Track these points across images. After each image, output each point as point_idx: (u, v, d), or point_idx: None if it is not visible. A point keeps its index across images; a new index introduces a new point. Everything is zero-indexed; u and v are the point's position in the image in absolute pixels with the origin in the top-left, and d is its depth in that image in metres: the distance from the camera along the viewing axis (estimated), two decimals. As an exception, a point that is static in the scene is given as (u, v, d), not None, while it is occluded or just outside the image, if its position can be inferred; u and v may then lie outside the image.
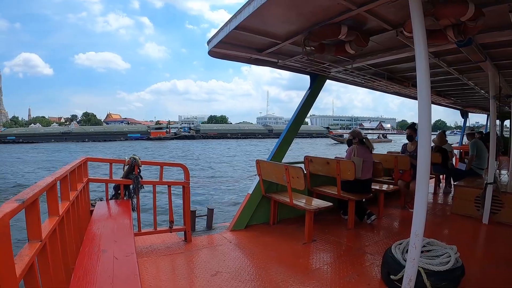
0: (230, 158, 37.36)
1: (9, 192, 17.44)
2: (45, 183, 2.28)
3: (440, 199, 8.39)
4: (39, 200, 2.07)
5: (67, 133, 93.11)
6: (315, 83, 6.62)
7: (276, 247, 5.05)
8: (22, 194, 1.86)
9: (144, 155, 38.35)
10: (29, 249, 1.91)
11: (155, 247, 4.94)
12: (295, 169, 5.25)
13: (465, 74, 6.71)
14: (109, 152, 50.36)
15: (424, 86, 2.81)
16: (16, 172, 27.64)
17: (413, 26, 2.85)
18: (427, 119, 2.83)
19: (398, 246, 3.70)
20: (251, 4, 3.55)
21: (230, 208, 11.76)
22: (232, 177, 20.61)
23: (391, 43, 4.74)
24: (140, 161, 4.89)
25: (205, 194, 14.54)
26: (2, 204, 1.60)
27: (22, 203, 1.72)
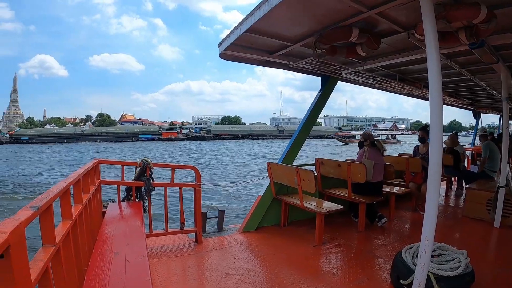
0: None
1: (27, 189, 18.19)
2: (58, 188, 2.30)
3: (451, 202, 8.30)
4: (53, 204, 2.10)
5: (80, 133, 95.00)
6: (326, 85, 6.61)
7: (287, 250, 5.04)
8: (36, 201, 1.89)
9: (151, 156, 38.95)
10: (44, 253, 1.94)
11: (166, 248, 4.96)
12: (306, 172, 5.23)
13: (477, 75, 6.63)
14: (116, 152, 51.05)
15: (436, 89, 2.79)
16: (34, 170, 28.63)
17: (425, 29, 2.83)
18: (439, 121, 2.81)
19: (409, 251, 3.68)
20: (261, 7, 3.55)
21: (241, 209, 11.77)
22: (242, 177, 20.62)
23: (403, 44, 4.71)
24: (151, 163, 4.93)
25: (216, 196, 14.55)
26: (17, 212, 1.63)
27: (37, 210, 1.75)
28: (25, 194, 17.15)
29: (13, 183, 20.60)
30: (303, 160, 6.78)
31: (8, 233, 1.34)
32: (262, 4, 3.54)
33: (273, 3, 3.32)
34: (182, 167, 6.05)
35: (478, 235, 5.69)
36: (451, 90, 9.02)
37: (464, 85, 7.98)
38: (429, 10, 2.79)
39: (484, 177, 7.81)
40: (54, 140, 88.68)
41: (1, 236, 1.31)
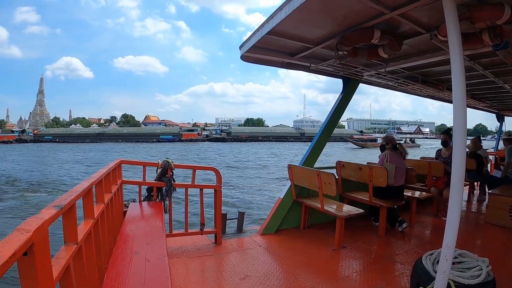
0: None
1: (52, 186, 18.72)
2: (81, 188, 2.34)
3: (473, 207, 8.14)
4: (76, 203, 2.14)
5: (102, 134, 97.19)
6: (347, 87, 6.57)
7: (306, 253, 5.03)
8: (60, 200, 1.93)
9: (166, 156, 39.64)
10: (66, 251, 1.97)
11: (186, 248, 5.01)
12: (327, 175, 5.20)
13: (501, 77, 6.49)
14: (137, 153, 51.85)
15: (460, 91, 2.75)
16: (57, 167, 29.93)
17: (448, 31, 2.78)
18: (463, 124, 2.76)
19: (429, 257, 3.61)
20: (283, 9, 3.55)
21: (261, 211, 11.77)
22: (261, 179, 20.64)
23: (425, 46, 4.65)
24: (173, 164, 4.98)
25: (237, 197, 14.58)
26: (41, 210, 1.68)
27: (60, 210, 1.79)
28: (47, 190, 17.77)
29: (36, 180, 21.18)
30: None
31: (32, 231, 1.38)
32: (283, 6, 3.54)
33: (294, 5, 3.32)
34: (203, 168, 6.09)
35: (500, 242, 5.57)
36: (474, 92, 8.83)
37: (487, 87, 7.81)
38: (452, 11, 2.74)
39: (507, 182, 7.63)
40: (76, 139, 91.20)
41: (25, 234, 1.35)
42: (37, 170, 27.88)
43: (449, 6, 2.73)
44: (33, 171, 26.50)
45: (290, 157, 41.42)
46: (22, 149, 61.23)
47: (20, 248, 1.27)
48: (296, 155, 44.57)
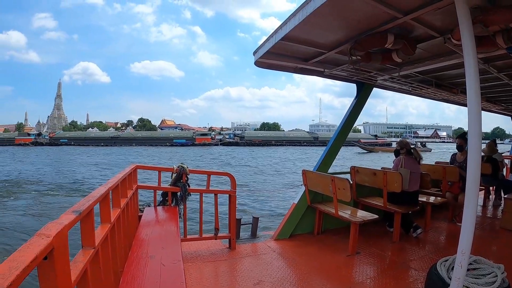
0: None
1: (68, 188, 19.30)
2: (99, 193, 2.38)
3: (489, 212, 8.03)
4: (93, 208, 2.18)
5: (116, 137, 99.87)
6: (361, 92, 6.58)
7: (320, 258, 5.02)
8: (78, 205, 1.97)
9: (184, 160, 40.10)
10: (83, 255, 2.01)
11: (200, 253, 5.04)
12: (342, 181, 5.19)
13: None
14: (151, 157, 52.15)
15: (474, 94, 2.74)
16: (73, 169, 30.88)
17: (462, 34, 2.78)
18: (477, 128, 2.75)
19: (444, 263, 3.58)
20: (296, 15, 3.57)
21: (275, 216, 11.75)
22: (275, 184, 20.62)
23: (439, 49, 4.62)
24: (188, 170, 5.03)
25: (250, 202, 14.59)
26: (60, 216, 1.72)
27: (79, 215, 1.83)
28: (64, 191, 18.47)
29: (52, 181, 21.98)
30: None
31: (53, 236, 1.42)
32: (296, 12, 3.56)
33: (308, 11, 3.33)
34: (218, 173, 6.12)
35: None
36: (489, 95, 8.72)
37: (502, 90, 7.68)
38: (466, 14, 2.74)
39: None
40: (91, 143, 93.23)
41: (46, 239, 1.38)
42: (54, 171, 28.85)
43: (462, 10, 2.73)
44: (50, 173, 27.40)
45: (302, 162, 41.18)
46: (38, 151, 63.41)
47: (41, 253, 1.30)
48: (307, 160, 44.81)
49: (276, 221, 9.23)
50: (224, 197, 5.38)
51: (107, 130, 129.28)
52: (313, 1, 3.24)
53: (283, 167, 35.46)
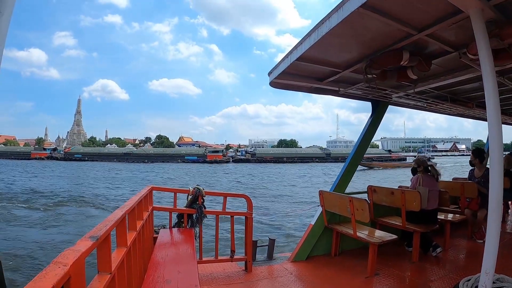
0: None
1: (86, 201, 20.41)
2: (115, 217, 2.38)
3: (508, 228, 7.82)
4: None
5: (129, 154, 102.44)
6: (377, 110, 6.56)
7: (338, 280, 4.94)
8: (95, 230, 1.96)
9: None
10: (99, 281, 2.00)
11: (216, 275, 4.99)
12: (360, 201, 5.14)
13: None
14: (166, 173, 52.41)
15: (493, 109, 2.72)
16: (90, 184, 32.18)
17: (479, 48, 2.78)
18: (499, 141, 2.72)
19: (467, 283, 3.50)
20: (311, 35, 3.61)
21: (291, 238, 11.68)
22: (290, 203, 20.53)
23: (454, 64, 4.60)
24: (204, 192, 5.01)
25: (266, 223, 14.51)
26: (77, 242, 1.72)
27: (96, 241, 1.82)
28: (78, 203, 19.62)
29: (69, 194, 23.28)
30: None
31: (70, 265, 1.42)
32: (312, 32, 3.59)
33: (323, 31, 3.37)
34: (234, 195, 6.10)
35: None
36: (505, 108, 8.65)
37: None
38: (482, 28, 2.74)
39: None
40: (104, 158, 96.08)
41: (63, 268, 1.38)
42: (68, 187, 30.00)
43: (478, 24, 2.74)
44: (64, 188, 28.42)
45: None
46: (53, 166, 65.81)
47: (58, 283, 1.29)
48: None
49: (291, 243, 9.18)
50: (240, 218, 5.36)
51: (125, 146, 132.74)
52: (328, 21, 3.28)
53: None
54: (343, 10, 3.03)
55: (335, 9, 3.14)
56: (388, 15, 3.14)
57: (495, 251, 2.71)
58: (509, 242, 6.60)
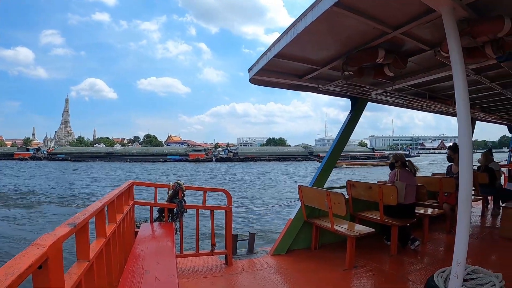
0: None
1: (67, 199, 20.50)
2: (94, 207, 2.42)
3: (488, 222, 8.02)
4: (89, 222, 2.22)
5: (111, 153, 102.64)
6: (355, 106, 6.65)
7: (317, 273, 5.00)
8: (74, 218, 2.02)
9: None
10: (78, 268, 2.05)
11: (197, 269, 5.02)
12: (337, 195, 5.21)
13: (509, 88, 6.48)
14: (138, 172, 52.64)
15: (463, 106, 2.80)
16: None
17: (449, 47, 2.85)
18: (468, 138, 2.81)
19: (441, 274, 3.58)
20: (288, 33, 3.66)
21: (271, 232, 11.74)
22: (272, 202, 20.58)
23: (430, 62, 4.70)
24: (184, 186, 5.05)
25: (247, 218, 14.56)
26: (56, 228, 1.77)
27: (74, 227, 1.88)
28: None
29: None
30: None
31: (47, 246, 1.48)
32: (288, 30, 3.65)
33: (299, 29, 3.41)
34: (213, 190, 6.13)
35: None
36: (483, 105, 8.82)
37: (496, 99, 7.79)
38: (453, 27, 2.81)
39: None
40: (87, 158, 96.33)
41: (41, 249, 1.44)
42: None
43: (449, 23, 2.81)
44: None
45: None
46: (36, 166, 65.69)
47: (36, 261, 1.36)
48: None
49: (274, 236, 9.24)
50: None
51: (114, 146, 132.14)
52: (303, 19, 3.33)
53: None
54: (317, 8, 3.09)
55: (310, 7, 3.20)
56: (363, 14, 3.21)
57: (466, 241, 2.80)
58: (488, 236, 6.76)
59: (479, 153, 9.21)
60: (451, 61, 2.88)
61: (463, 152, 2.82)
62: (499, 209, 8.20)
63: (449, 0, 2.74)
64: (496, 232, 6.81)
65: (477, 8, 3.08)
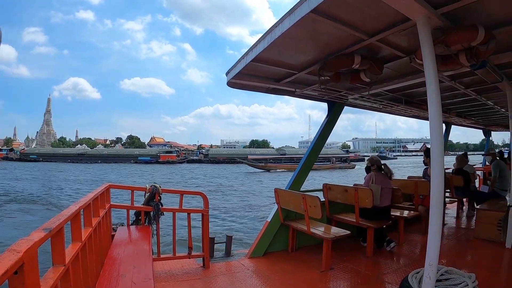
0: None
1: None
2: (70, 212, 2.40)
3: (463, 224, 8.20)
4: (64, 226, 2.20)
5: (83, 154, 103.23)
6: (332, 111, 6.70)
7: (294, 275, 5.03)
8: (49, 223, 2.00)
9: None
10: (53, 272, 2.04)
11: (174, 272, 5.00)
12: (312, 198, 5.25)
13: (484, 94, 6.64)
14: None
15: (435, 111, 2.87)
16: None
17: (423, 54, 2.91)
18: (439, 142, 2.89)
19: (415, 275, 3.63)
20: (265, 38, 3.68)
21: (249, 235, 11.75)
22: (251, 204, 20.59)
23: (406, 69, 4.78)
24: (160, 189, 5.02)
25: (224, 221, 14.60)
26: (31, 233, 1.76)
27: (49, 232, 1.87)
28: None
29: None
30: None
31: (23, 252, 1.48)
32: (266, 35, 3.67)
33: (276, 34, 3.45)
34: (190, 193, 6.13)
35: (489, 257, 5.60)
36: (459, 110, 9.02)
37: (471, 105, 7.98)
38: (427, 36, 2.87)
39: (495, 197, 7.70)
40: (59, 159, 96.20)
41: (16, 254, 1.44)
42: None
43: (424, 31, 2.87)
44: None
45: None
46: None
47: (11, 267, 1.36)
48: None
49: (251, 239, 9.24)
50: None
51: (96, 147, 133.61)
52: (281, 25, 3.35)
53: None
54: (295, 14, 3.10)
55: (287, 13, 3.21)
56: (340, 21, 3.25)
57: (438, 243, 2.87)
58: (463, 237, 6.91)
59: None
60: (424, 68, 2.94)
61: (435, 155, 2.89)
62: (474, 210, 8.37)
63: (424, 10, 2.78)
64: (471, 234, 6.93)
65: (451, 17, 3.15)
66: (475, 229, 6.78)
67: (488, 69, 4.57)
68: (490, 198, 7.68)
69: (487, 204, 7.07)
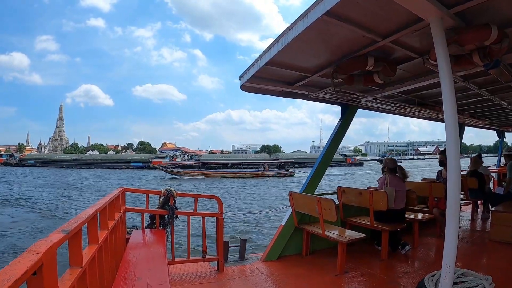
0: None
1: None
2: (87, 214, 2.43)
3: (478, 226, 8.09)
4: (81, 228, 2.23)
5: (77, 160, 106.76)
6: (346, 113, 6.68)
7: (308, 279, 5.01)
8: (67, 225, 2.04)
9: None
10: (71, 274, 2.06)
11: (188, 275, 5.01)
12: (327, 201, 5.23)
13: (497, 94, 6.58)
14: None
15: (451, 112, 2.86)
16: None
17: (437, 55, 2.90)
18: (455, 143, 2.86)
19: (431, 278, 3.62)
20: (279, 41, 3.69)
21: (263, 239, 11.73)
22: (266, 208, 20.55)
23: (419, 70, 4.76)
24: (175, 193, 5.06)
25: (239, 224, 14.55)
26: (50, 234, 1.79)
27: (67, 234, 1.89)
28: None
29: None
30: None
31: (42, 253, 1.50)
32: (279, 38, 3.68)
33: (290, 37, 3.46)
34: (205, 196, 6.13)
35: (505, 260, 5.52)
36: (472, 111, 8.93)
37: (484, 105, 7.89)
38: (440, 36, 2.86)
39: (510, 199, 7.60)
40: (54, 165, 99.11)
41: (36, 255, 1.46)
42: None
43: (437, 32, 2.86)
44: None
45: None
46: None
47: (31, 268, 1.38)
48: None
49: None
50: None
51: (107, 152, 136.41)
52: (294, 28, 3.37)
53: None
54: (308, 17, 3.11)
55: (301, 16, 3.23)
56: (352, 23, 3.25)
57: (455, 245, 2.83)
58: (478, 240, 6.81)
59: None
60: (438, 69, 2.93)
61: (451, 157, 2.87)
62: (489, 213, 8.25)
63: (437, 10, 2.77)
64: (486, 236, 6.85)
65: (464, 17, 3.13)
66: (490, 231, 6.71)
67: (501, 68, 4.54)
68: (505, 199, 7.60)
69: (502, 206, 6.98)
